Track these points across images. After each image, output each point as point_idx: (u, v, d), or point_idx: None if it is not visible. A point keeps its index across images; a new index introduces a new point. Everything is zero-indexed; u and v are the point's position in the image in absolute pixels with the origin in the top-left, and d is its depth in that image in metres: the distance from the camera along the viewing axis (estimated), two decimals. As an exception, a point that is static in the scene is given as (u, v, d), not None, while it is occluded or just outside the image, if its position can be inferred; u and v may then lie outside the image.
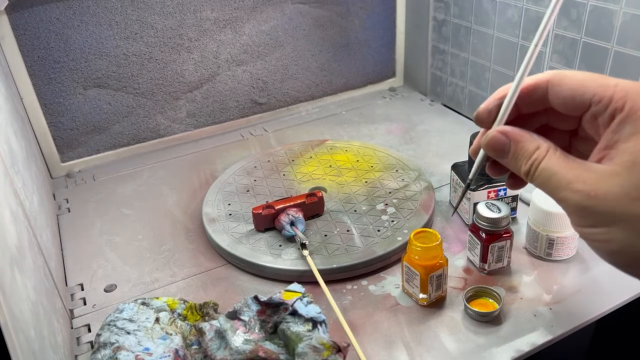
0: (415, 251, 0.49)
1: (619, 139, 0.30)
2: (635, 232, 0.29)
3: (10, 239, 0.39)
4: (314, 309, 0.47)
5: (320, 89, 0.99)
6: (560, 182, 0.31)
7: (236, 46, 0.87)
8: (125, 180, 0.79)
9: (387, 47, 1.02)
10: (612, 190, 0.29)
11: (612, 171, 0.29)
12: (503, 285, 0.54)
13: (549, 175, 0.32)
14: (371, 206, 0.65)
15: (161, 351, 0.45)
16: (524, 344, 0.47)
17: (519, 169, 0.34)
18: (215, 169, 0.80)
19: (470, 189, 0.60)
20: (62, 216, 0.71)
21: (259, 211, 0.60)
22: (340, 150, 0.78)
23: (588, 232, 0.31)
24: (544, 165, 0.32)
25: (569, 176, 0.31)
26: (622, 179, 0.29)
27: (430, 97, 0.99)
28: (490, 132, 0.35)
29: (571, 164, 0.31)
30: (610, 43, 0.61)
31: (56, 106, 0.78)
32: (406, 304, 0.53)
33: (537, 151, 0.33)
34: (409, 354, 0.47)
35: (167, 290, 0.57)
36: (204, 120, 0.90)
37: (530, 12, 0.71)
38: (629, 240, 0.29)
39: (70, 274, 0.61)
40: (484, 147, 0.36)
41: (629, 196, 0.29)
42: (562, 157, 0.32)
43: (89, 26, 0.76)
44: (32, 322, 0.38)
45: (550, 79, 0.34)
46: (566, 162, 0.31)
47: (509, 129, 0.35)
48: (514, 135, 0.34)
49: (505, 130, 0.35)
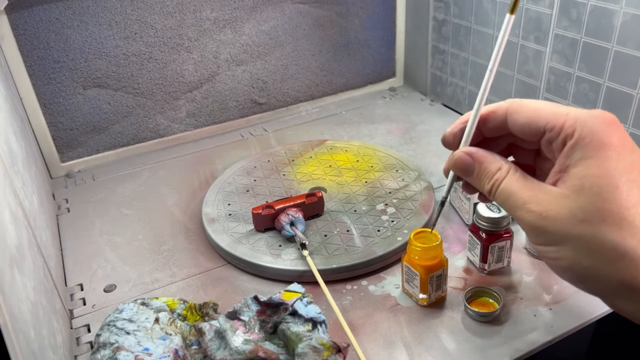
0: (415, 251, 0.49)
1: (570, 163, 0.33)
2: (581, 251, 0.31)
3: (9, 239, 0.39)
4: (314, 309, 0.47)
5: (320, 89, 0.99)
6: (517, 202, 0.34)
7: (236, 46, 0.87)
8: (125, 180, 0.79)
9: (387, 47, 1.02)
10: (562, 212, 0.32)
11: (563, 194, 0.32)
12: (503, 286, 0.54)
13: (507, 195, 0.35)
14: (371, 206, 0.65)
15: (161, 351, 0.45)
16: (524, 344, 0.47)
17: (482, 188, 0.37)
18: (215, 169, 0.80)
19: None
20: (62, 216, 0.71)
21: (259, 211, 0.60)
22: (340, 150, 0.78)
23: (542, 249, 0.34)
24: (504, 186, 0.35)
25: (525, 197, 0.34)
26: (570, 201, 0.32)
27: (430, 97, 0.99)
28: (456, 153, 0.39)
29: (528, 185, 0.34)
30: (611, 43, 0.61)
31: (56, 106, 0.78)
32: (406, 304, 0.53)
33: (499, 172, 0.36)
34: (409, 354, 0.47)
35: (166, 290, 0.57)
36: (204, 120, 0.90)
37: (530, 11, 0.71)
38: (576, 259, 0.31)
39: (70, 274, 0.60)
40: (451, 166, 0.39)
41: (576, 218, 0.31)
42: (521, 178, 0.35)
43: (88, 26, 0.75)
44: (31, 322, 0.38)
45: (508, 107, 0.37)
46: (524, 184, 0.34)
47: (474, 150, 0.38)
48: (478, 156, 0.38)
49: (470, 152, 0.38)
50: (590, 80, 0.65)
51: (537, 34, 0.71)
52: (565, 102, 0.70)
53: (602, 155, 0.31)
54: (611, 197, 0.30)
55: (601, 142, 0.31)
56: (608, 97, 0.63)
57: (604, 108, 0.64)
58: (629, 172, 0.31)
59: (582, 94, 0.67)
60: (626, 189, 0.30)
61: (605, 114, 0.32)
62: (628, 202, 0.30)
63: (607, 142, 0.31)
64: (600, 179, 0.31)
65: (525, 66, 0.75)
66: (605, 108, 0.64)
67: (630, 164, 0.31)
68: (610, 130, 0.32)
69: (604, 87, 0.64)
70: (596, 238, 0.30)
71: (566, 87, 0.69)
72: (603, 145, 0.31)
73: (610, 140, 0.31)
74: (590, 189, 0.31)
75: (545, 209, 0.32)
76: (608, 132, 0.32)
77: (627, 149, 0.32)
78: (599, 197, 0.31)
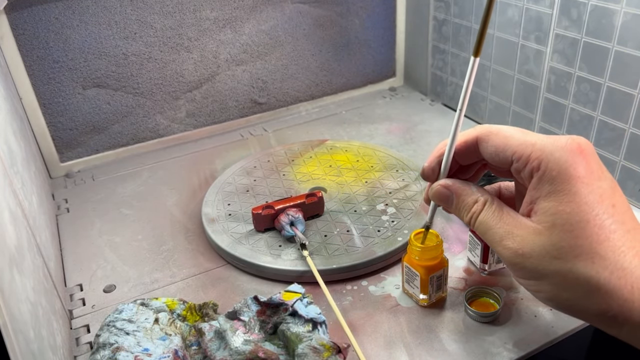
0: (416, 252, 0.49)
1: (539, 195, 0.33)
2: (558, 286, 0.32)
3: (9, 240, 0.39)
4: (314, 310, 0.47)
5: (320, 88, 0.98)
6: (494, 237, 0.35)
7: (236, 46, 0.87)
8: (125, 180, 0.79)
9: (387, 47, 1.02)
10: (536, 250, 0.33)
11: (536, 229, 0.33)
12: (504, 286, 0.54)
13: (485, 229, 0.36)
14: (371, 206, 0.64)
15: (160, 352, 0.45)
16: (524, 345, 0.47)
17: (462, 219, 0.39)
18: (214, 169, 0.80)
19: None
20: (62, 216, 0.71)
21: (259, 211, 0.60)
22: (340, 150, 0.78)
23: (523, 282, 0.35)
24: (481, 219, 0.36)
25: (500, 232, 0.35)
26: (544, 238, 0.32)
27: (430, 96, 0.99)
28: (434, 186, 0.40)
29: (505, 218, 0.35)
30: (611, 43, 0.61)
31: (55, 106, 0.78)
32: (406, 304, 0.53)
33: (475, 205, 0.37)
34: (409, 354, 0.47)
35: (166, 290, 0.57)
36: (204, 120, 0.90)
37: (530, 11, 0.71)
38: (555, 292, 0.33)
39: (70, 274, 0.60)
40: (431, 197, 0.41)
41: (550, 255, 0.32)
42: (497, 211, 0.36)
43: (88, 26, 0.75)
44: (31, 322, 0.38)
45: (478, 134, 0.38)
46: (500, 217, 0.35)
47: (451, 183, 0.39)
48: (455, 188, 0.39)
49: (447, 185, 0.39)
50: (590, 80, 0.65)
51: (537, 33, 0.71)
52: (566, 102, 0.70)
53: (571, 190, 0.31)
54: (582, 233, 0.31)
55: (568, 175, 0.32)
56: (608, 97, 0.63)
57: (604, 108, 0.64)
58: (600, 204, 0.31)
59: (583, 94, 0.67)
60: (598, 223, 0.31)
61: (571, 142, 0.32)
62: (599, 236, 0.31)
63: (574, 175, 0.32)
64: (570, 215, 0.31)
65: (526, 66, 0.75)
66: (605, 108, 0.64)
67: (599, 195, 0.31)
68: (576, 161, 0.32)
69: (604, 87, 0.64)
70: (571, 273, 0.31)
71: (567, 87, 0.69)
72: (570, 179, 0.32)
73: (577, 173, 0.32)
74: (562, 226, 0.32)
75: (520, 245, 0.33)
76: (574, 163, 0.32)
77: (594, 177, 0.32)
78: (571, 234, 0.31)
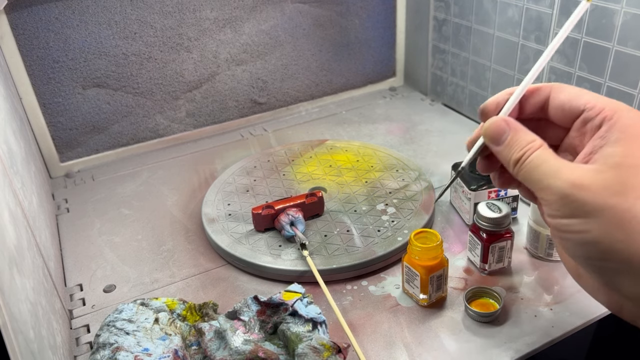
0: (416, 251, 0.49)
1: (605, 143, 0.33)
2: (612, 224, 0.31)
3: (9, 240, 0.39)
4: (314, 310, 0.47)
5: (320, 88, 0.98)
6: (549, 169, 0.34)
7: (236, 46, 0.87)
8: (125, 180, 0.79)
9: (387, 47, 1.02)
10: (596, 183, 0.31)
11: (597, 169, 0.32)
12: (503, 286, 0.54)
13: (539, 162, 0.34)
14: (371, 206, 0.64)
15: (160, 352, 0.45)
16: (524, 345, 0.47)
17: (509, 157, 0.36)
18: (214, 169, 0.80)
19: (471, 189, 0.60)
20: (61, 216, 0.71)
21: (259, 211, 0.60)
22: (340, 150, 0.78)
23: (564, 222, 0.33)
24: (536, 154, 0.35)
25: (558, 164, 0.33)
26: (606, 175, 0.31)
27: (430, 96, 0.99)
28: (494, 118, 0.38)
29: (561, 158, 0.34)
30: (611, 43, 0.61)
31: (55, 106, 0.78)
32: (406, 304, 0.53)
33: (532, 142, 0.36)
34: (409, 354, 0.47)
35: (166, 290, 0.57)
36: (204, 120, 0.90)
37: (530, 11, 0.71)
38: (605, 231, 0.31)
39: (70, 274, 0.60)
40: (484, 132, 0.38)
41: (611, 189, 0.31)
42: (552, 152, 0.35)
43: (88, 26, 0.75)
44: (31, 322, 0.38)
45: (552, 85, 0.39)
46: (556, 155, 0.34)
47: (511, 119, 0.38)
48: (514, 124, 0.37)
49: (507, 119, 0.38)
50: (591, 79, 0.65)
51: (537, 33, 0.71)
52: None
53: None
54: None
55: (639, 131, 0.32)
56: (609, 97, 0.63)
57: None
58: None
59: (583, 94, 0.67)
60: None
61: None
62: None
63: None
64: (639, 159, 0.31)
65: (526, 66, 0.75)
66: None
67: None
68: None
69: (604, 86, 0.64)
70: (629, 212, 0.30)
71: (567, 86, 0.69)
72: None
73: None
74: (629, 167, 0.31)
75: (579, 177, 0.32)
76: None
77: None
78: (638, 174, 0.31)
